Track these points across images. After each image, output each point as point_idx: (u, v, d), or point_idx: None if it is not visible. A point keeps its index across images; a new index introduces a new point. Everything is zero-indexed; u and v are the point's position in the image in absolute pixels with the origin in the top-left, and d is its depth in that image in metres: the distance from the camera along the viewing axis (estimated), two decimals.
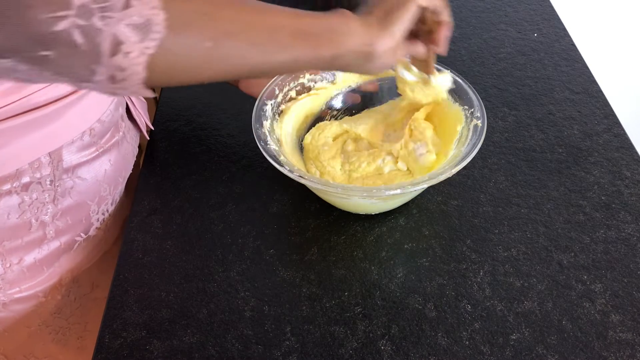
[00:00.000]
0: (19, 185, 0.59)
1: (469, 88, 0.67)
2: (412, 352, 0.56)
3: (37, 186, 0.61)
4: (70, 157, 0.63)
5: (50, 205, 0.62)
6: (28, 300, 0.66)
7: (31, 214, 0.61)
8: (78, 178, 0.64)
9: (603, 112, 0.80)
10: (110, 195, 0.70)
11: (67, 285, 0.69)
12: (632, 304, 0.58)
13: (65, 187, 0.63)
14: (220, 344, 0.57)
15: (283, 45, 0.48)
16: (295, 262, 0.64)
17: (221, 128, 0.80)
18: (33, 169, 0.60)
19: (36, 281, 0.66)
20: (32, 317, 0.68)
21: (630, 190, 0.69)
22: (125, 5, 0.39)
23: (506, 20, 1.00)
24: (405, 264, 0.63)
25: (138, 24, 0.40)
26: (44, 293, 0.67)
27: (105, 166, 0.68)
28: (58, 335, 0.71)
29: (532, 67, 0.89)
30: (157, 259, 0.65)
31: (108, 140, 0.68)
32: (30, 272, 0.64)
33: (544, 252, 0.63)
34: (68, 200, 0.64)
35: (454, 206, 0.68)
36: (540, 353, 0.55)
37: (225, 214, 0.69)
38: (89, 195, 0.67)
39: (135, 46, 0.40)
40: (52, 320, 0.70)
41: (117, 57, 0.40)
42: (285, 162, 0.61)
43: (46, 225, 0.63)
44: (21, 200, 0.60)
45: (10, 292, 0.64)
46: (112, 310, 0.60)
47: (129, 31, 0.40)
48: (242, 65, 0.47)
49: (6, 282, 0.63)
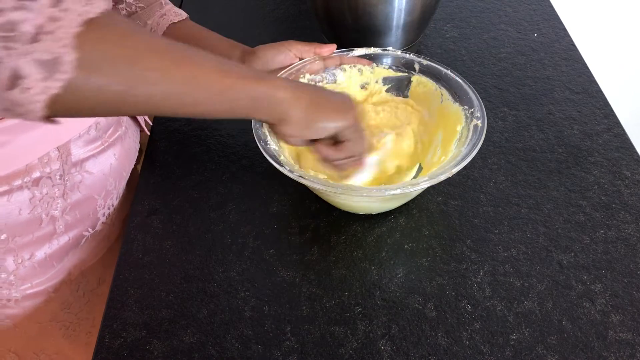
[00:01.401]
0: (29, 180, 0.60)
1: (469, 88, 0.67)
2: (412, 352, 0.56)
3: (47, 181, 0.61)
4: (78, 151, 0.64)
5: (60, 200, 0.63)
6: (38, 296, 0.67)
7: (42, 209, 0.62)
8: (86, 172, 0.66)
9: (603, 112, 0.80)
10: (115, 189, 0.72)
11: (76, 281, 0.70)
12: (632, 304, 0.58)
13: (74, 181, 0.64)
14: (220, 344, 0.57)
15: (203, 100, 0.47)
16: (295, 262, 0.64)
17: (221, 128, 0.80)
18: (43, 164, 0.61)
19: (46, 277, 0.67)
20: (42, 313, 0.69)
21: (630, 190, 0.69)
22: (34, 39, 0.36)
23: (506, 20, 1.00)
24: (405, 264, 0.63)
25: (44, 60, 0.36)
26: (54, 288, 0.68)
27: (111, 160, 0.69)
28: (68, 330, 0.72)
29: (532, 67, 0.89)
30: (157, 259, 0.65)
31: (112, 134, 0.69)
32: (41, 267, 0.65)
33: (544, 252, 0.63)
34: (77, 195, 0.65)
35: (454, 206, 0.68)
36: (540, 353, 0.55)
37: (225, 214, 0.69)
38: (96, 189, 0.68)
39: (38, 84, 0.37)
40: (61, 316, 0.71)
41: (13, 91, 0.37)
42: (285, 162, 0.61)
43: (56, 220, 0.64)
44: (32, 195, 0.61)
45: (23, 287, 0.65)
46: (112, 310, 0.60)
47: (33, 67, 0.36)
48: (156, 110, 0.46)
49: (18, 278, 0.64)
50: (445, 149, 0.67)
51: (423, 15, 0.88)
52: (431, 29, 0.97)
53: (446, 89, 0.69)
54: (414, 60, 0.72)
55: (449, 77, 0.69)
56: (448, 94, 0.69)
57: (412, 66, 0.72)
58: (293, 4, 1.05)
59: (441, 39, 0.95)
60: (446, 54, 0.92)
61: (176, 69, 0.45)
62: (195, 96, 0.47)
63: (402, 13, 0.84)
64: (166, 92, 0.45)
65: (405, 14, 0.84)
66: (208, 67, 0.47)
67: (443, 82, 0.70)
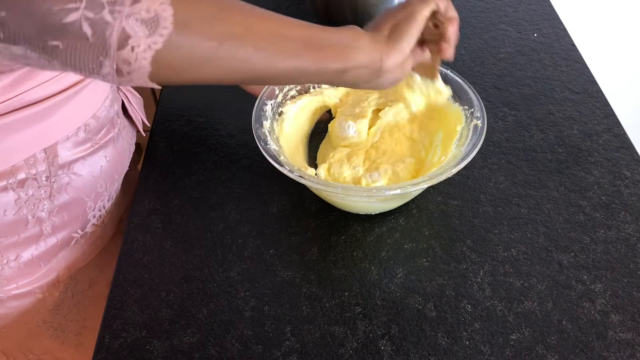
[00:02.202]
0: (14, 181, 0.59)
1: (469, 88, 0.67)
2: (412, 352, 0.56)
3: (32, 182, 0.61)
4: (66, 153, 0.63)
5: (46, 202, 0.63)
6: (26, 297, 0.67)
7: (27, 210, 0.61)
8: (74, 174, 0.65)
9: (603, 112, 0.80)
10: (107, 191, 0.70)
11: (65, 282, 0.69)
12: (632, 304, 0.58)
13: (61, 183, 0.63)
14: (220, 344, 0.57)
15: (289, 53, 0.48)
16: (295, 262, 0.64)
17: (221, 128, 0.80)
18: (29, 165, 0.60)
19: (33, 277, 0.66)
20: (31, 314, 0.68)
21: (630, 190, 0.69)
22: (134, 1, 0.40)
23: (506, 20, 1.00)
24: (405, 264, 0.63)
25: (146, 18, 0.40)
26: (42, 290, 0.68)
27: (101, 162, 0.68)
28: (57, 332, 0.72)
29: (532, 67, 0.89)
30: (157, 259, 0.65)
31: (103, 137, 0.68)
32: (28, 268, 0.65)
33: (544, 252, 0.63)
34: (64, 197, 0.64)
35: (454, 206, 0.68)
36: (540, 353, 0.55)
37: (225, 214, 0.69)
38: (85, 191, 0.67)
39: (143, 40, 0.41)
40: (50, 317, 0.70)
41: (124, 50, 0.40)
42: (285, 162, 0.61)
43: (43, 222, 0.63)
44: (17, 197, 0.60)
45: (8, 288, 0.65)
46: (112, 310, 0.60)
47: (137, 26, 0.40)
48: (245, 69, 0.47)
49: (3, 279, 0.64)
50: (445, 149, 0.67)
51: None
52: None
53: None
54: None
55: (449, 77, 0.69)
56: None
57: None
58: (293, 4, 1.05)
59: None
60: None
61: (260, 24, 0.47)
62: (281, 48, 0.47)
63: None
64: (254, 47, 0.46)
65: None
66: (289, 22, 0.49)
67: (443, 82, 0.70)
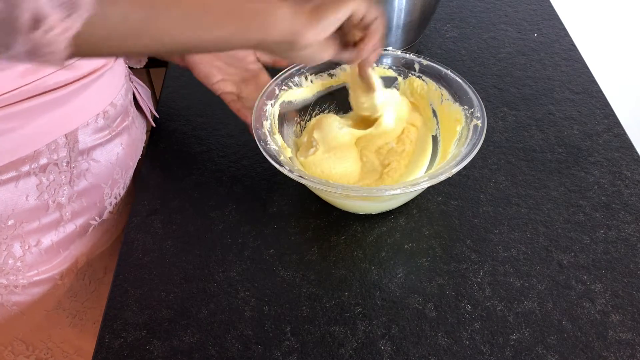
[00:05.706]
0: (37, 166, 0.61)
1: (469, 88, 0.67)
2: (412, 352, 0.56)
3: (54, 167, 0.62)
4: (86, 139, 0.64)
5: (66, 187, 0.64)
6: (45, 283, 0.68)
7: (49, 196, 0.62)
8: (93, 160, 0.66)
9: (603, 112, 0.80)
10: (122, 178, 0.72)
11: (83, 269, 0.71)
12: (632, 304, 0.58)
13: (80, 169, 0.65)
14: (220, 344, 0.57)
15: (214, 23, 0.47)
16: (295, 262, 0.64)
17: (221, 128, 0.80)
18: (50, 151, 0.61)
19: (53, 264, 0.67)
20: (49, 299, 0.69)
21: (630, 190, 0.69)
22: None
23: (506, 20, 1.00)
24: (405, 264, 0.63)
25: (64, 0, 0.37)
26: (61, 276, 0.69)
27: (118, 149, 0.69)
28: (75, 319, 0.73)
29: (532, 67, 0.89)
30: (157, 259, 0.65)
31: (119, 124, 0.70)
32: (48, 254, 0.66)
33: (544, 252, 0.63)
34: (83, 182, 0.66)
35: (454, 206, 0.68)
36: (540, 353, 0.55)
37: (225, 214, 0.69)
38: (103, 177, 0.68)
39: (59, 23, 0.37)
40: (68, 303, 0.71)
41: (36, 32, 0.37)
42: (285, 162, 0.61)
43: (63, 207, 0.65)
44: (39, 182, 0.61)
45: (29, 274, 0.66)
46: (112, 310, 0.60)
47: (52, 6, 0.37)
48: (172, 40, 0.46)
49: (25, 265, 0.65)
50: (445, 149, 0.67)
51: (423, 15, 0.88)
52: (431, 29, 0.97)
53: (446, 89, 0.69)
54: (414, 60, 0.72)
55: (449, 77, 0.69)
56: (448, 94, 0.69)
57: (412, 66, 0.72)
58: None
59: (441, 39, 0.95)
60: (446, 54, 0.92)
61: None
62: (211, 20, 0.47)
63: (402, 13, 0.84)
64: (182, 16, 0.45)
65: (405, 14, 0.84)
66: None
67: (443, 82, 0.70)
